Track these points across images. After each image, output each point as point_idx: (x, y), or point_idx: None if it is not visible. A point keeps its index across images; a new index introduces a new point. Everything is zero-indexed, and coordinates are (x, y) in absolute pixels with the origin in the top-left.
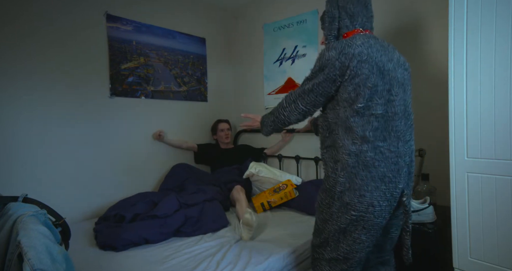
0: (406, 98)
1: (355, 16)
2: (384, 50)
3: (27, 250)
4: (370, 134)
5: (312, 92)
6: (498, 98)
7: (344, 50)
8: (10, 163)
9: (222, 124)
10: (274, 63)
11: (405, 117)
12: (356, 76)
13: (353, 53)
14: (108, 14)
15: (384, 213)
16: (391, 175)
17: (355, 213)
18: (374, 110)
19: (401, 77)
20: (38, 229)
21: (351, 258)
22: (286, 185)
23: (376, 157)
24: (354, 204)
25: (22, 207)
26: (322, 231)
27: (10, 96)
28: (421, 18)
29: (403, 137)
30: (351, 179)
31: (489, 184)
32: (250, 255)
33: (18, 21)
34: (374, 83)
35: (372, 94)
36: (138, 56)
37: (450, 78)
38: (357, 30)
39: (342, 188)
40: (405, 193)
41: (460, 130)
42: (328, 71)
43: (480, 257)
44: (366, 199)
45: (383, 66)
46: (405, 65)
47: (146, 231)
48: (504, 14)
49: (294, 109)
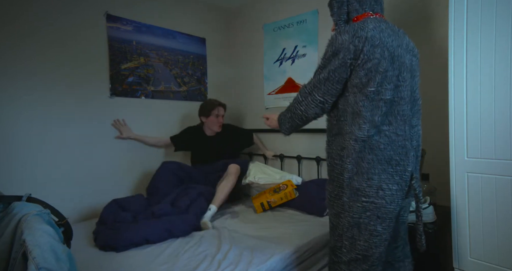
0: (413, 84)
1: (363, 0)
2: (395, 35)
3: (31, 249)
4: (378, 119)
5: (328, 80)
6: (498, 98)
7: (357, 33)
8: (10, 163)
9: (220, 108)
10: (274, 63)
11: (412, 102)
12: (368, 61)
13: (366, 37)
14: (108, 14)
15: (397, 198)
16: (398, 158)
17: (366, 199)
18: (384, 95)
19: (409, 63)
20: (43, 228)
21: (371, 255)
22: (286, 186)
23: (381, 140)
24: (364, 189)
25: (26, 206)
26: (336, 227)
27: (10, 96)
28: (421, 18)
29: (409, 122)
30: (358, 163)
31: (489, 184)
32: (252, 255)
33: (18, 21)
34: (385, 68)
35: (382, 79)
36: (138, 56)
37: (450, 78)
38: (367, 14)
39: (350, 174)
40: (414, 176)
41: (460, 130)
42: (343, 55)
43: (480, 257)
44: (374, 182)
45: (393, 52)
46: (414, 51)
47: (147, 231)
48: (504, 14)
49: (311, 102)
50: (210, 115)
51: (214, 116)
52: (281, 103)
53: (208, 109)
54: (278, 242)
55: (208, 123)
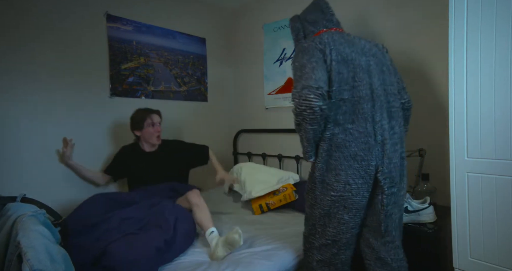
0: (373, 82)
1: (316, 22)
2: (347, 42)
3: (26, 251)
4: (340, 118)
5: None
6: (498, 98)
7: (317, 40)
8: (11, 163)
9: (154, 115)
10: (274, 63)
11: (373, 99)
12: (331, 63)
13: (325, 41)
14: (108, 14)
15: (362, 191)
16: (362, 153)
17: (335, 193)
18: (342, 95)
19: (365, 64)
20: (38, 230)
21: (339, 240)
22: (286, 188)
23: (347, 138)
24: (332, 184)
25: (22, 207)
26: (310, 217)
27: (11, 96)
28: (421, 18)
29: (371, 118)
30: (327, 161)
31: (489, 184)
32: (252, 257)
33: (18, 22)
34: (340, 71)
35: (340, 80)
36: (138, 56)
37: (450, 78)
38: (322, 30)
39: (321, 171)
40: (379, 169)
41: (460, 130)
42: (312, 52)
43: (480, 257)
44: (342, 178)
45: (346, 56)
46: (370, 51)
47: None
48: (504, 14)
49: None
50: (144, 127)
51: (149, 126)
52: (281, 103)
53: (140, 120)
54: (279, 244)
55: (144, 136)
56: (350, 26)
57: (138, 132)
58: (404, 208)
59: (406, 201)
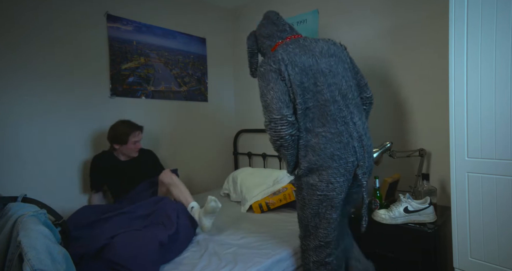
0: (337, 82)
1: (271, 35)
2: (304, 50)
3: (27, 251)
4: (309, 125)
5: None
6: (499, 97)
7: (271, 60)
8: (11, 163)
9: (139, 133)
10: None
11: (340, 99)
12: (289, 78)
13: (279, 59)
14: (108, 14)
15: (344, 188)
16: (338, 152)
17: (320, 193)
18: (307, 104)
19: (325, 67)
20: (39, 230)
21: (330, 240)
22: (286, 188)
23: (320, 141)
24: (316, 184)
25: (22, 207)
26: (302, 219)
27: (11, 96)
28: (423, 17)
29: (341, 118)
30: (309, 165)
31: (490, 184)
32: (251, 255)
33: (18, 22)
34: (300, 81)
35: (303, 91)
36: (139, 56)
37: (450, 78)
38: (279, 43)
39: (305, 173)
40: (360, 165)
41: (461, 130)
42: (268, 77)
43: (480, 257)
44: (325, 178)
45: (303, 65)
46: (329, 51)
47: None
48: (505, 14)
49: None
50: (128, 143)
51: (132, 143)
52: None
53: (124, 136)
54: (277, 242)
55: (123, 150)
56: (351, 25)
57: (118, 146)
58: (404, 208)
59: (407, 201)
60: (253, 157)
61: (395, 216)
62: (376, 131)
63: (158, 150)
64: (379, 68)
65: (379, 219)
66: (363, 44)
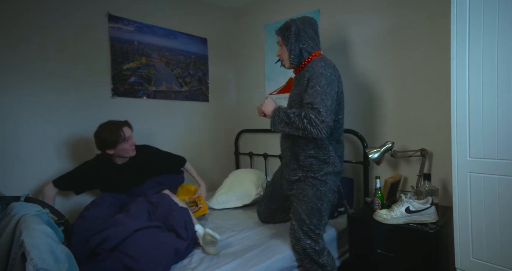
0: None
1: (313, 39)
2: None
3: (30, 250)
4: (338, 136)
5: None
6: (501, 97)
7: (332, 68)
8: (13, 163)
9: (127, 129)
10: (276, 63)
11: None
12: (338, 94)
13: (337, 72)
14: (109, 15)
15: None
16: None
17: (335, 189)
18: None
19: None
20: (41, 229)
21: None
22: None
23: (343, 151)
24: (337, 183)
25: (25, 206)
26: (322, 210)
27: (12, 96)
28: (423, 17)
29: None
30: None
31: (492, 184)
32: (252, 254)
33: (20, 22)
34: (340, 101)
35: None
36: (140, 56)
37: (452, 78)
38: (319, 52)
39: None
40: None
41: (463, 130)
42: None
43: (482, 258)
44: (339, 180)
45: (342, 87)
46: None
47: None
48: (507, 13)
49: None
50: (119, 143)
51: (124, 142)
52: (282, 103)
53: (113, 139)
54: (279, 241)
55: (119, 153)
56: (351, 25)
57: (110, 150)
58: (406, 208)
59: (408, 201)
60: (254, 157)
61: (397, 216)
62: (377, 131)
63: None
64: (380, 68)
65: (380, 219)
66: (364, 44)
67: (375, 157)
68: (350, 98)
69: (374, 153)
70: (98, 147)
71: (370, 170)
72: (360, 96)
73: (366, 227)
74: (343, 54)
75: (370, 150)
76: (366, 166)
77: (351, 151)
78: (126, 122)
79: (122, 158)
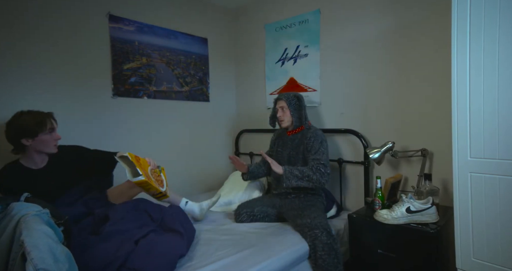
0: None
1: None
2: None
3: (30, 250)
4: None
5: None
6: (502, 97)
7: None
8: None
9: (52, 120)
10: (276, 63)
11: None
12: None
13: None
14: (110, 15)
15: None
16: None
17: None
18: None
19: None
20: (41, 229)
21: None
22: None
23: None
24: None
25: (25, 207)
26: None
27: (13, 96)
28: (424, 17)
29: None
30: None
31: (493, 185)
32: (250, 254)
33: (20, 22)
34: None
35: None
36: (141, 56)
37: (453, 77)
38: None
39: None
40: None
41: (463, 130)
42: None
43: (483, 258)
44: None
45: None
46: None
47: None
48: (507, 13)
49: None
50: (40, 133)
51: (47, 133)
52: None
53: (34, 125)
54: (277, 241)
55: (37, 146)
56: (351, 26)
57: (28, 141)
58: (407, 208)
59: (409, 201)
60: (254, 157)
61: (397, 216)
62: (378, 131)
63: (160, 150)
64: (381, 68)
65: (381, 219)
66: (364, 43)
67: (376, 157)
68: (350, 98)
69: (375, 153)
70: (12, 136)
71: (371, 170)
72: (360, 96)
73: (366, 227)
74: (343, 53)
75: (370, 150)
76: (366, 166)
77: (351, 151)
78: (51, 113)
79: (39, 157)
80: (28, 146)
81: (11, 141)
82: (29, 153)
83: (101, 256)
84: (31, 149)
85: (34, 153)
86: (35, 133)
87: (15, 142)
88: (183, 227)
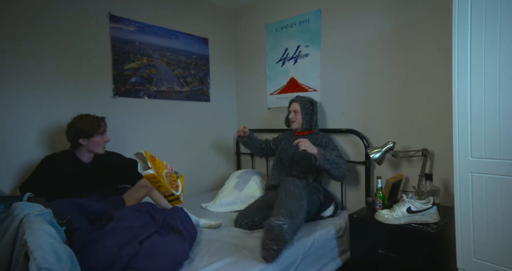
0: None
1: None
2: None
3: (33, 250)
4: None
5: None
6: (503, 97)
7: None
8: (15, 163)
9: (105, 124)
10: (277, 63)
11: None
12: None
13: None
14: (111, 15)
15: None
16: None
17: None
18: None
19: None
20: (44, 229)
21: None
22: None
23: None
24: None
25: (28, 206)
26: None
27: (14, 96)
28: (425, 17)
29: None
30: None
31: (493, 184)
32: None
33: (20, 22)
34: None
35: None
36: (141, 56)
37: (454, 78)
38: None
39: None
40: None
41: (464, 130)
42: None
43: (484, 258)
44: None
45: None
46: None
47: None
48: (508, 13)
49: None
50: (95, 135)
51: (100, 135)
52: (283, 103)
53: (93, 127)
54: None
55: (90, 145)
56: (352, 25)
57: (84, 141)
58: (407, 208)
59: (409, 201)
60: (255, 157)
61: (398, 216)
62: (378, 131)
63: (160, 150)
64: (381, 68)
65: (381, 219)
66: (365, 43)
67: (377, 157)
68: (351, 98)
69: (376, 153)
70: (72, 136)
71: (372, 170)
72: (361, 96)
73: (367, 227)
74: (344, 53)
75: (371, 150)
76: (367, 166)
77: (352, 151)
78: (104, 118)
79: (88, 155)
80: (83, 145)
81: (70, 139)
82: (81, 151)
83: (104, 255)
84: (84, 148)
85: (86, 152)
86: (91, 134)
87: (73, 140)
88: (184, 227)
